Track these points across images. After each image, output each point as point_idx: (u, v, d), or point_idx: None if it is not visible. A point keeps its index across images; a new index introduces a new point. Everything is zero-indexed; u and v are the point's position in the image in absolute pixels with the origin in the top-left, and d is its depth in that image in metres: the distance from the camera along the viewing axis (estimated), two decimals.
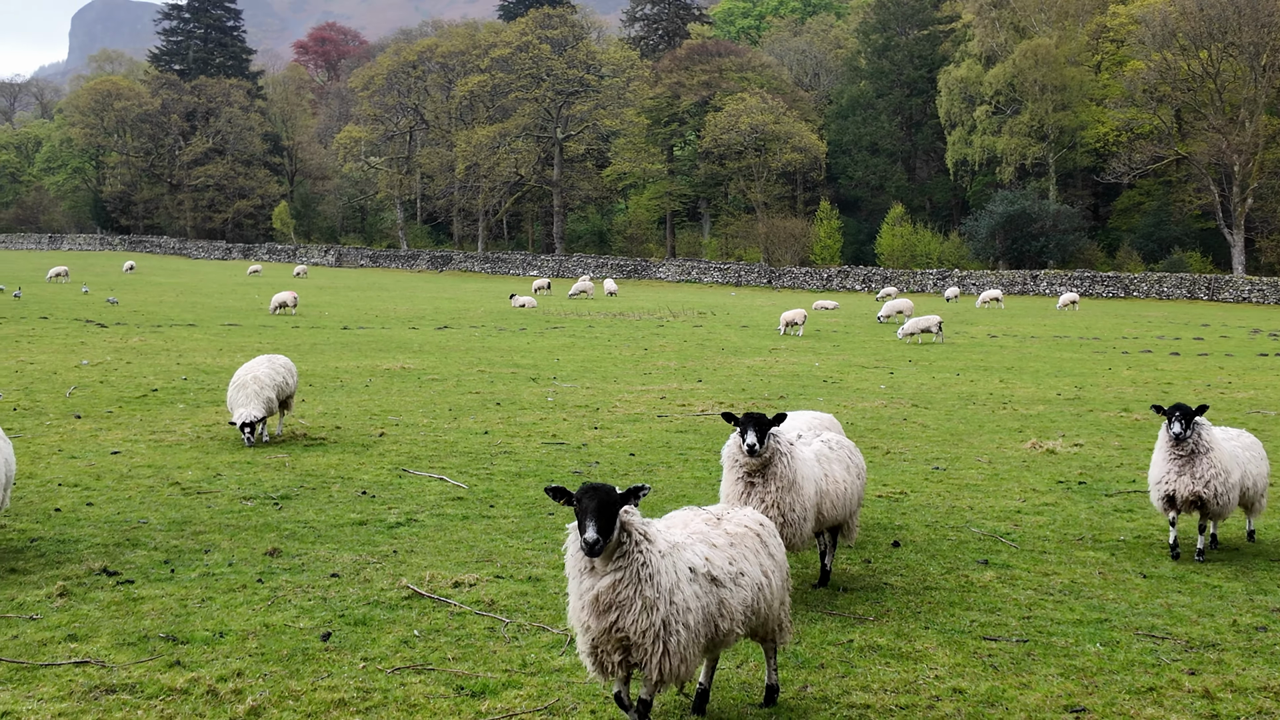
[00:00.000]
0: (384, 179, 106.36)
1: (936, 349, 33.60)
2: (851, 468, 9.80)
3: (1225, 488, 10.43)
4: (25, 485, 12.92)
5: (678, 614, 6.05)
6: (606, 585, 5.99)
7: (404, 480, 13.90)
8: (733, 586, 6.49)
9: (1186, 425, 10.43)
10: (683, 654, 6.06)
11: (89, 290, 52.70)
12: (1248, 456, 11.04)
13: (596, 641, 6.06)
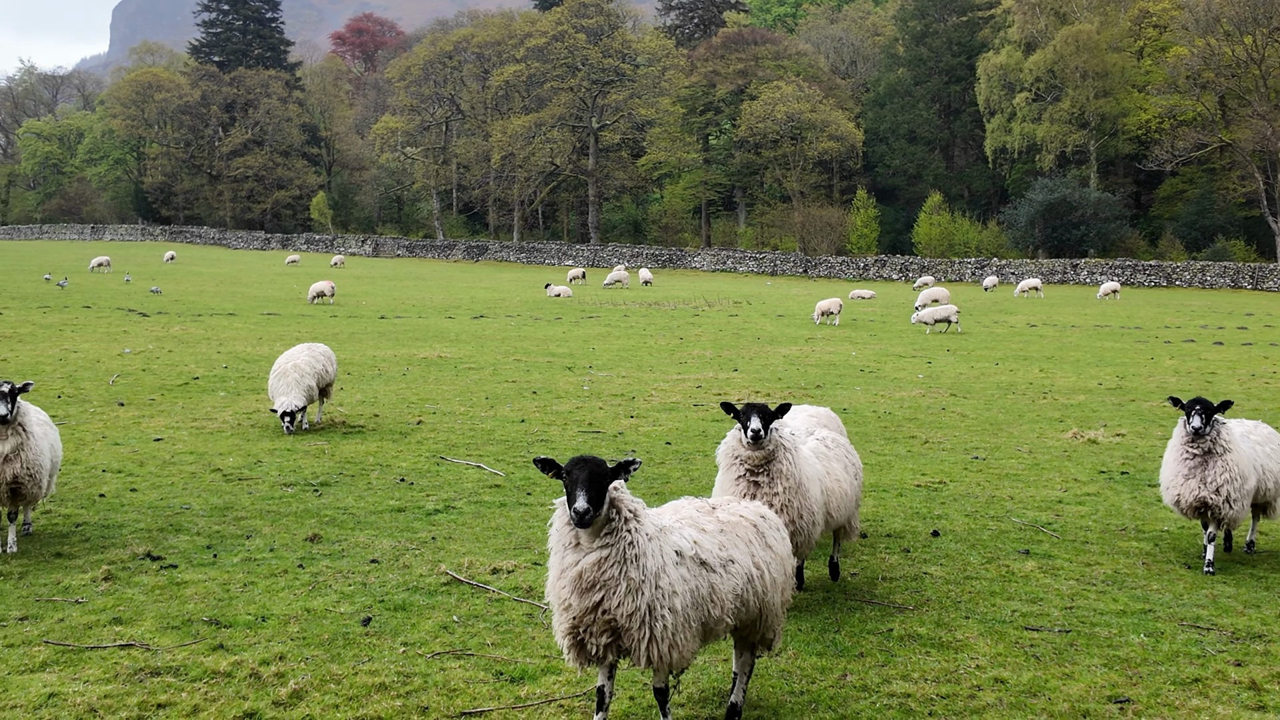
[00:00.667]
0: (420, 169, 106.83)
1: (975, 338, 33.31)
2: (850, 466, 9.31)
3: (1239, 494, 9.58)
4: (70, 471, 13.10)
5: (663, 597, 5.84)
6: (591, 562, 5.80)
7: (442, 468, 13.97)
8: (723, 572, 6.25)
9: (1206, 420, 9.58)
10: (672, 639, 5.86)
11: (131, 280, 53.35)
12: (1265, 453, 10.16)
13: (579, 621, 5.86)
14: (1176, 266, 69.17)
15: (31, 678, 7.09)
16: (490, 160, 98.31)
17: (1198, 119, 76.18)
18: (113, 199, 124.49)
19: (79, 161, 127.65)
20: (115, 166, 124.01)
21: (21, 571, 9.29)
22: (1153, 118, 78.72)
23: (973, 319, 41.28)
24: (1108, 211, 77.15)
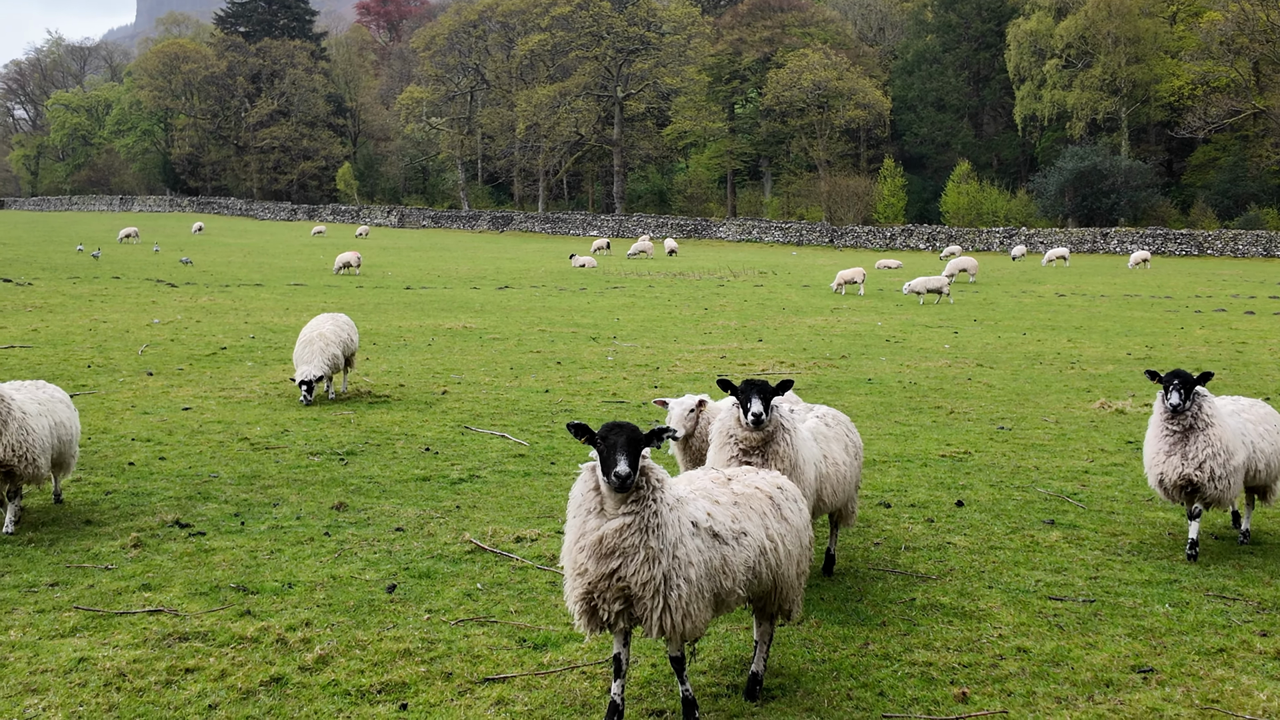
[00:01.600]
0: (445, 139, 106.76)
1: (1003, 308, 33.06)
2: (850, 447, 8.89)
3: (1225, 470, 8.93)
4: (100, 440, 13.25)
5: (679, 567, 5.80)
6: (614, 529, 5.73)
7: (466, 437, 14.04)
8: (735, 544, 6.18)
9: (1186, 395, 8.98)
10: (685, 609, 5.82)
11: (159, 250, 53.72)
12: (1259, 431, 9.49)
13: (594, 587, 5.80)
14: (1208, 235, 68.31)
15: (62, 642, 7.20)
16: (515, 130, 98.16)
17: (1231, 85, 75.00)
18: (141, 170, 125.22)
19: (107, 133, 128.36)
20: (143, 138, 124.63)
21: (52, 538, 9.42)
22: (1185, 84, 77.57)
23: (1000, 288, 40.97)
24: (1139, 179, 76.23)
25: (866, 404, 16.82)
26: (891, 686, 6.73)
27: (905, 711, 6.37)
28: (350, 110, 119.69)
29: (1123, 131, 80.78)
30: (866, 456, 13.14)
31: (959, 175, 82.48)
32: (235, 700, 6.39)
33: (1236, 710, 6.40)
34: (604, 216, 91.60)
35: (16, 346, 20.67)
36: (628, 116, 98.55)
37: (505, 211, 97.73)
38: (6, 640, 7.20)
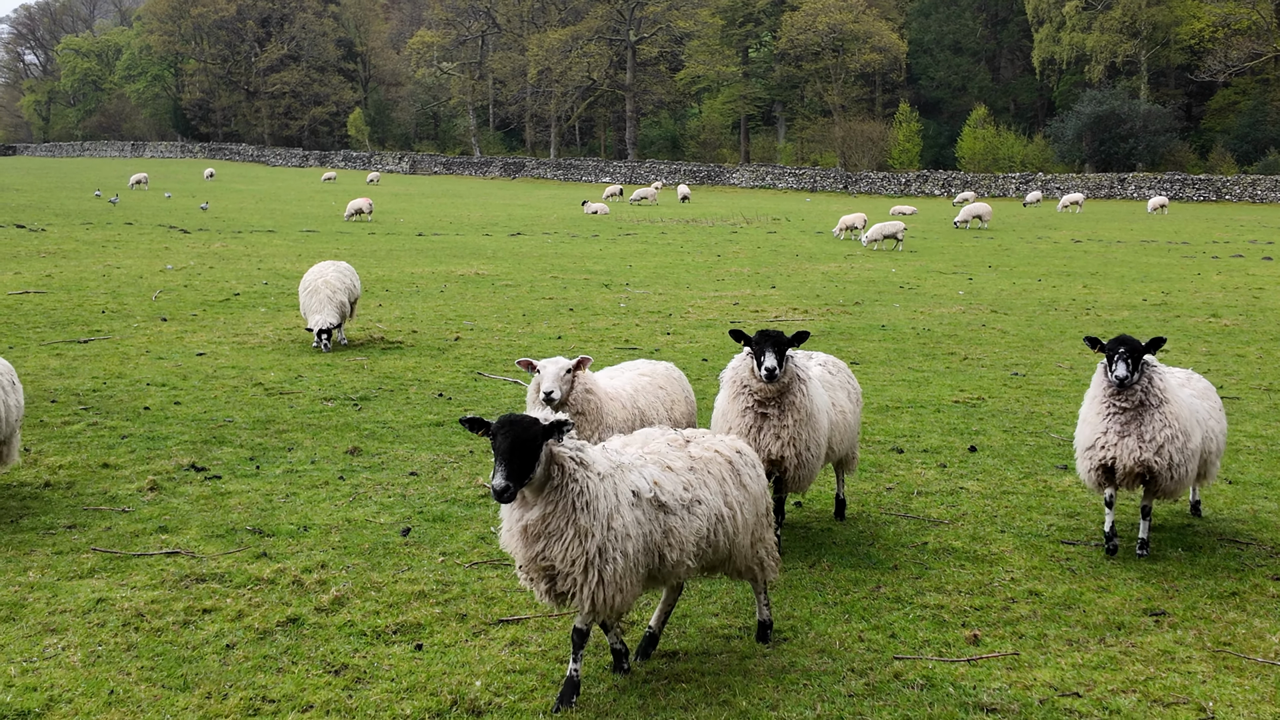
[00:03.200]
0: (456, 85, 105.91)
1: (1018, 255, 32.83)
2: (852, 394, 8.76)
3: (1183, 456, 7.72)
4: (115, 385, 13.32)
5: (615, 540, 5.51)
6: (536, 518, 5.48)
7: (479, 383, 14.06)
8: (684, 514, 5.84)
9: (1133, 367, 7.68)
10: (618, 583, 5.52)
11: (171, 196, 53.63)
12: (1206, 409, 8.42)
13: (524, 566, 5.64)
14: (1226, 180, 67.49)
15: (80, 583, 7.28)
16: (526, 75, 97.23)
17: (1252, 28, 73.68)
18: (152, 116, 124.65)
19: (117, 78, 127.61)
20: (153, 83, 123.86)
21: (69, 481, 9.50)
22: (1206, 26, 76.18)
23: (1015, 235, 40.65)
24: (1157, 124, 75.23)
25: (880, 350, 16.78)
26: (903, 629, 6.76)
27: (917, 653, 6.41)
28: (361, 55, 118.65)
29: (1142, 75, 79.58)
30: (880, 402, 13.13)
31: (975, 120, 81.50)
32: (252, 640, 6.46)
33: (1248, 653, 6.42)
34: (616, 163, 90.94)
35: (31, 292, 20.72)
36: (640, 61, 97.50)
37: (517, 158, 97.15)
38: (25, 581, 7.28)
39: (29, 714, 5.53)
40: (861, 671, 6.14)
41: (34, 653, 6.24)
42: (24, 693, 5.73)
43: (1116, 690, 5.94)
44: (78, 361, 14.70)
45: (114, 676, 5.96)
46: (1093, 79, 79.99)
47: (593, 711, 5.69)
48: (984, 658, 6.34)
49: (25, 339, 16.29)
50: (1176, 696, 5.87)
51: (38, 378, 13.62)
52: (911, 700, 5.80)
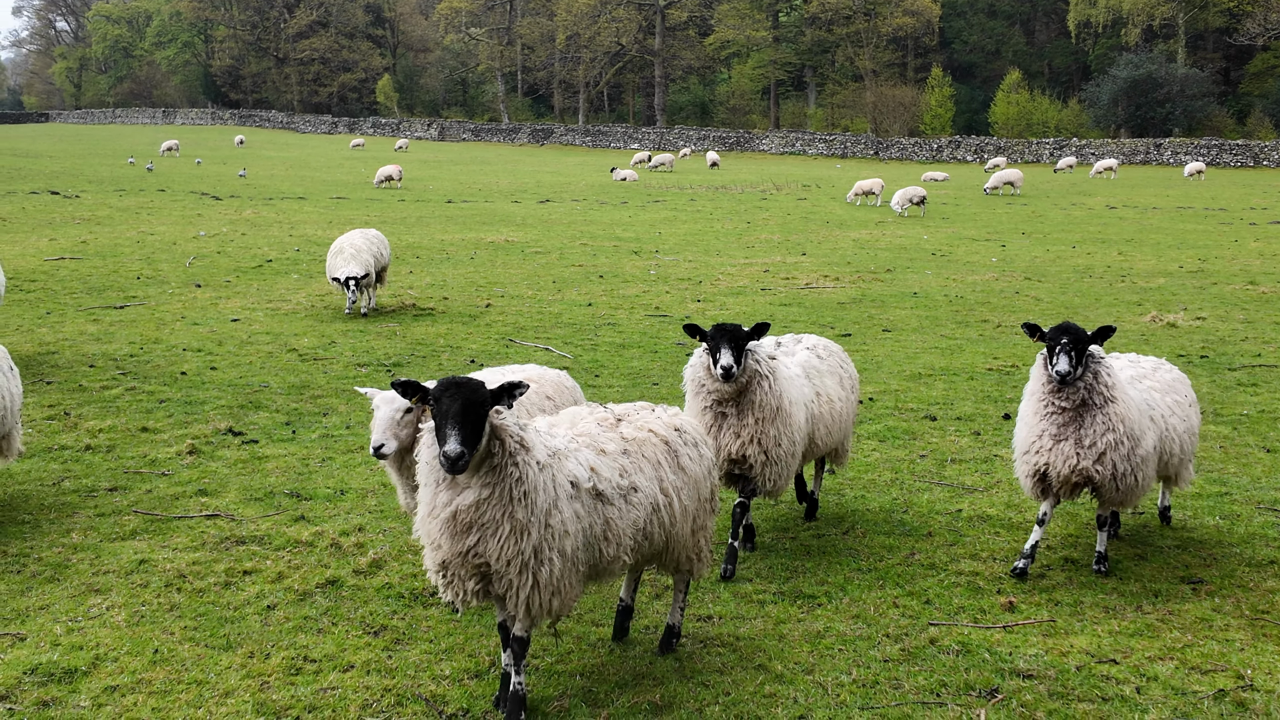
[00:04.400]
0: (485, 51, 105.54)
1: (1052, 221, 32.48)
2: (845, 380, 7.97)
3: (1130, 464, 6.77)
4: (152, 350, 13.45)
5: (553, 539, 4.97)
6: (469, 503, 4.87)
7: (511, 350, 14.10)
8: (621, 504, 5.30)
9: (1077, 361, 6.70)
10: (555, 586, 5.01)
11: (202, 162, 53.89)
12: (1169, 405, 7.34)
13: (448, 562, 4.99)
14: (1265, 146, 66.35)
15: (123, 545, 7.39)
16: (555, 40, 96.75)
17: None
18: (182, 82, 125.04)
19: (148, 44, 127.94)
20: (184, 49, 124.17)
21: (109, 445, 9.62)
22: None
23: (1049, 201, 40.21)
24: (1195, 88, 73.98)
25: (912, 318, 16.68)
26: (938, 595, 6.76)
27: (951, 619, 6.41)
28: (389, 21, 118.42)
29: (1179, 38, 78.19)
30: (913, 370, 13.07)
31: (1009, 84, 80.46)
32: (293, 601, 6.54)
33: None
34: (645, 129, 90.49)
35: (67, 258, 20.92)
36: (669, 26, 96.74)
37: (545, 124, 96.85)
38: (69, 542, 7.39)
39: (76, 672, 5.63)
40: (896, 637, 6.16)
41: (79, 612, 6.35)
42: (70, 651, 5.84)
43: (1154, 657, 5.92)
44: (114, 327, 14.86)
45: (158, 636, 6.06)
46: (1129, 42, 78.70)
47: (629, 674, 5.74)
48: (1020, 624, 6.34)
49: (62, 304, 16.47)
50: (1214, 664, 5.85)
51: (76, 343, 13.78)
52: (947, 666, 5.81)
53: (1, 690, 5.43)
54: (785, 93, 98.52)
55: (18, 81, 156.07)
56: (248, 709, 5.34)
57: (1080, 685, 5.60)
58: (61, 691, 5.45)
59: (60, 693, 5.44)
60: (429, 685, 5.59)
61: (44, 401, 11.01)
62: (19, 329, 14.54)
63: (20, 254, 21.26)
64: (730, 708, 5.37)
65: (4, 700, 5.35)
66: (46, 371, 12.28)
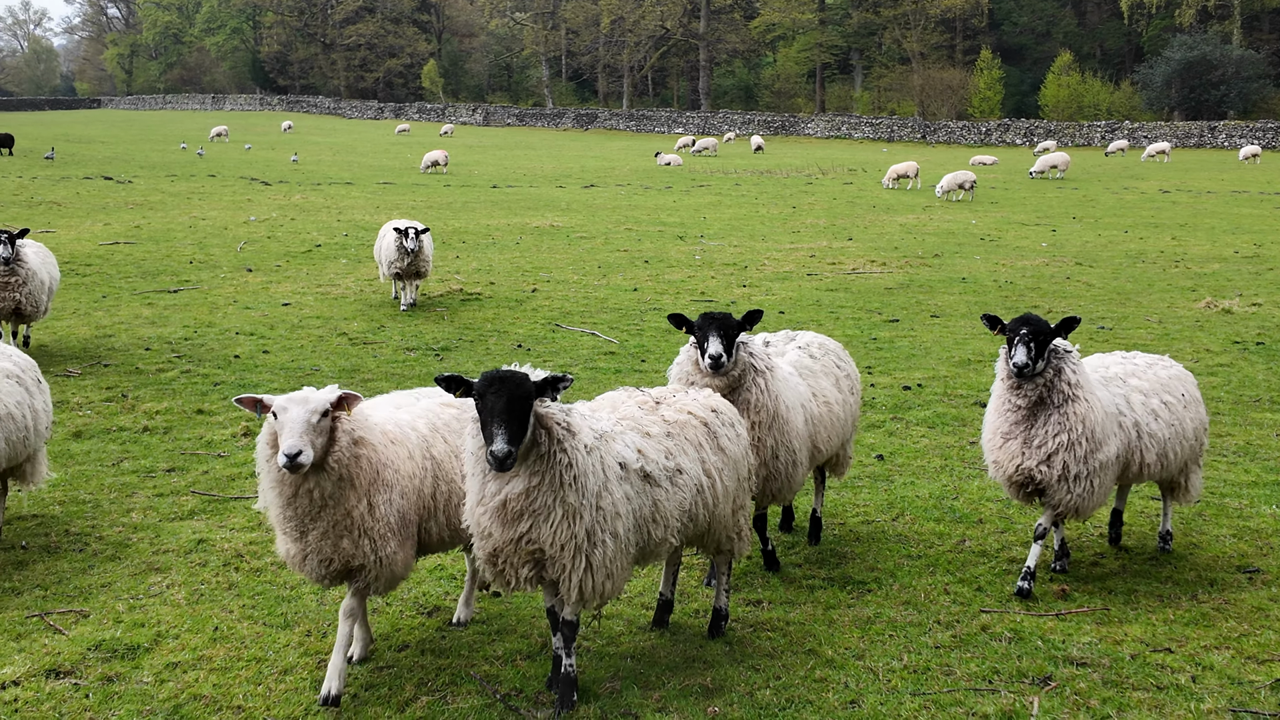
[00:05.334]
0: (529, 35, 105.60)
1: (1103, 205, 32.01)
2: (842, 380, 7.31)
3: (1085, 468, 6.32)
4: (206, 333, 13.66)
5: (605, 521, 4.95)
6: (518, 492, 4.84)
7: (557, 335, 14.17)
8: (668, 486, 5.27)
9: (1036, 353, 6.29)
10: (609, 569, 5.00)
11: (251, 148, 54.48)
12: (1153, 407, 6.80)
13: (499, 549, 4.98)
14: None
15: (181, 525, 7.53)
16: (600, 24, 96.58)
17: None
18: (231, 68, 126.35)
19: (197, 31, 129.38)
20: (232, 36, 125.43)
21: (166, 426, 9.79)
22: None
23: (1100, 185, 39.63)
24: (1250, 70, 72.43)
25: (960, 303, 16.54)
26: (989, 583, 6.73)
27: (1004, 606, 6.38)
28: (434, 6, 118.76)
29: (1235, 19, 76.51)
30: (961, 356, 12.97)
31: (1059, 67, 79.22)
32: None
33: None
34: (689, 113, 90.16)
35: (121, 243, 21.26)
36: (714, 9, 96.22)
37: (590, 109, 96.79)
38: (129, 522, 7.55)
39: (138, 648, 5.76)
40: (948, 624, 6.14)
41: (140, 590, 6.49)
42: (132, 628, 5.97)
43: (1209, 646, 5.86)
44: (169, 310, 15.10)
45: (217, 614, 6.18)
46: (1183, 23, 77.19)
47: (679, 656, 5.77)
48: (1073, 612, 6.29)
49: (118, 288, 16.75)
50: (1271, 653, 5.78)
51: (131, 326, 14.02)
52: (1000, 653, 5.79)
53: (67, 665, 5.57)
54: (831, 76, 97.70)
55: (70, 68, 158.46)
56: (305, 685, 5.44)
57: (1135, 674, 5.56)
58: (124, 667, 5.58)
59: (123, 668, 5.56)
60: (482, 665, 5.66)
61: (102, 384, 11.23)
62: (75, 312, 14.82)
63: (76, 238, 21.64)
64: (781, 691, 5.39)
65: (70, 675, 5.49)
66: (104, 354, 12.51)
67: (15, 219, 23.98)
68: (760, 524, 6.92)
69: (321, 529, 5.20)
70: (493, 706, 5.25)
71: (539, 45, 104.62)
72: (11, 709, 5.16)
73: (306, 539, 5.23)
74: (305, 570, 5.35)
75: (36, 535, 7.33)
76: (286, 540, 5.31)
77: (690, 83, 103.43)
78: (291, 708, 5.26)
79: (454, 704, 5.28)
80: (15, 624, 6.05)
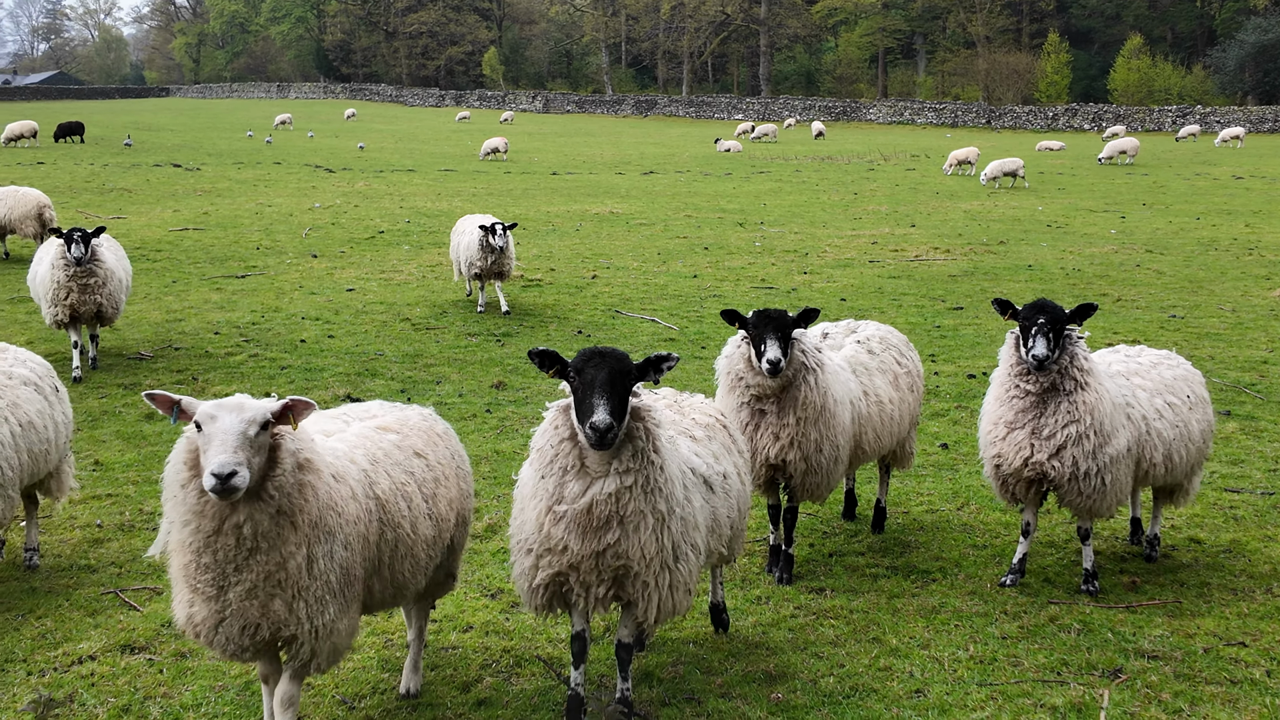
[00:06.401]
0: (589, 22, 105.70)
1: (1174, 192, 31.31)
2: (901, 377, 7.04)
3: (1096, 462, 5.99)
4: (272, 318, 13.88)
5: (688, 531, 4.54)
6: (608, 493, 4.31)
7: (617, 321, 14.19)
8: (721, 492, 4.99)
9: (1054, 344, 5.97)
10: (688, 584, 4.58)
11: (314, 135, 55.16)
12: (1159, 406, 6.43)
13: (576, 565, 4.40)
14: None
15: None
16: (660, 10, 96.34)
17: None
18: (296, 57, 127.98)
19: (263, 20, 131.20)
20: (297, 25, 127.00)
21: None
22: None
23: (1171, 171, 38.75)
24: None
25: (1026, 291, 16.29)
26: (1057, 574, 6.63)
27: (1072, 598, 6.29)
28: None
29: None
30: None
31: (1129, 50, 77.52)
32: None
33: None
34: (749, 99, 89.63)
35: (190, 229, 21.66)
36: None
37: (649, 95, 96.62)
38: None
39: None
40: (1015, 614, 6.06)
41: None
42: None
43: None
44: (236, 296, 15.36)
45: None
46: (1258, 5, 75.09)
47: (742, 643, 5.77)
48: (1143, 605, 6.18)
49: (187, 274, 17.07)
50: None
51: (201, 310, 14.28)
52: (1068, 644, 5.71)
53: (141, 641, 5.70)
54: (894, 61, 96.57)
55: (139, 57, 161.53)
56: (373, 664, 5.51)
57: (1207, 668, 5.45)
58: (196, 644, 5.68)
59: (195, 645, 5.68)
60: (545, 647, 5.70)
61: (173, 366, 11.46)
62: (147, 297, 15.12)
63: (147, 224, 22.08)
64: (845, 679, 5.36)
65: (144, 651, 5.62)
66: (174, 338, 12.76)
67: (88, 205, 24.53)
68: (791, 518, 6.59)
69: (249, 583, 4.07)
70: (556, 689, 5.29)
71: (599, 32, 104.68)
72: (88, 683, 5.30)
73: (225, 597, 4.09)
74: (216, 641, 4.18)
75: (111, 514, 7.51)
76: (195, 600, 4.14)
77: (750, 68, 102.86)
78: (359, 686, 5.34)
79: (517, 685, 5.32)
80: (91, 600, 6.21)
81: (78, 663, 5.49)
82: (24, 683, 5.30)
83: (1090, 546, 6.38)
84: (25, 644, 5.69)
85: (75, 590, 6.36)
